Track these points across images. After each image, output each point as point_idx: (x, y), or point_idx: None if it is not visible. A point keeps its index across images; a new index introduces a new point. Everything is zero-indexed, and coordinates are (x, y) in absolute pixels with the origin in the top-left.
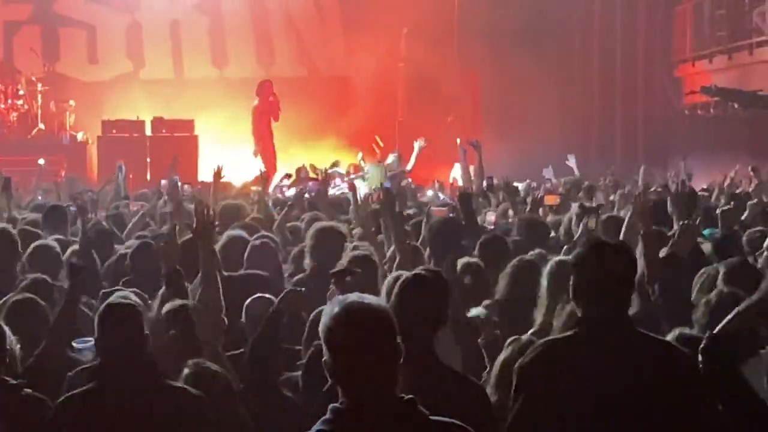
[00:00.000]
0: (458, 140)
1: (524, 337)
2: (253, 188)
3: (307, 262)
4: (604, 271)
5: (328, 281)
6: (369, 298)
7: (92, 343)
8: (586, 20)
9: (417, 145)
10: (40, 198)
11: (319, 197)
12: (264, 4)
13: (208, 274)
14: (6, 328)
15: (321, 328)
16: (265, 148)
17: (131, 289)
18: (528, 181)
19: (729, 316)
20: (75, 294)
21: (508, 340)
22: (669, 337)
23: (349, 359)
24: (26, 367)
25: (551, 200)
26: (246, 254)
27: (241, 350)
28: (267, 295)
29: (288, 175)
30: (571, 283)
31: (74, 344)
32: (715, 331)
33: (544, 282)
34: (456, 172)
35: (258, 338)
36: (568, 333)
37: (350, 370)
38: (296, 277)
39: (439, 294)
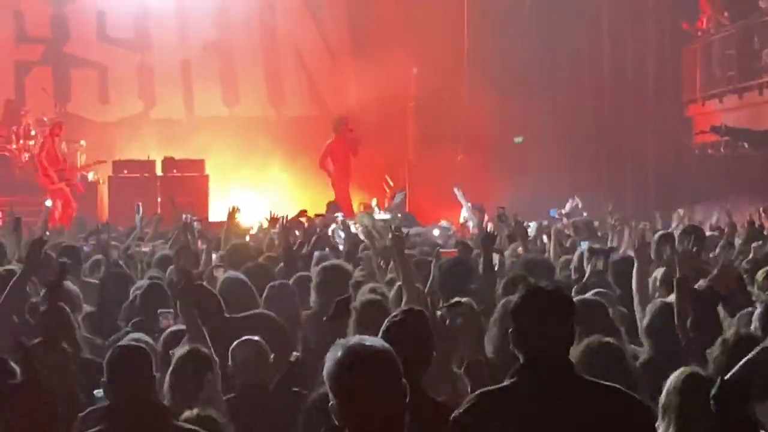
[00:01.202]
0: (455, 188)
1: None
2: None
3: (312, 299)
4: (540, 316)
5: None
6: (371, 340)
7: None
8: (596, 61)
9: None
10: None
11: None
12: (275, 44)
13: (190, 328)
14: None
15: (325, 373)
16: (341, 184)
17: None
18: (539, 220)
19: (742, 362)
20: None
21: None
22: (676, 374)
23: (356, 403)
24: None
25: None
26: (264, 296)
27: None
28: (255, 338)
29: (303, 212)
30: (510, 330)
31: (95, 393)
32: (726, 377)
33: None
34: (466, 213)
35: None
36: (506, 383)
37: (357, 413)
38: (303, 313)
39: (422, 335)
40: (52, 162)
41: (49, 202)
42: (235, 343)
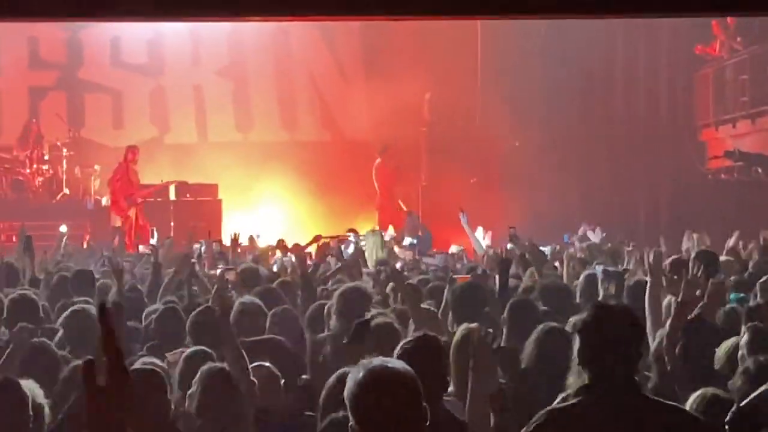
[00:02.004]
0: (461, 215)
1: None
2: (279, 254)
3: (333, 322)
4: (609, 336)
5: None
6: (393, 362)
7: None
8: (608, 85)
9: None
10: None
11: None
12: (288, 69)
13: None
14: (35, 391)
15: (346, 394)
16: (386, 205)
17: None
18: (553, 245)
19: (758, 391)
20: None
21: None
22: (697, 396)
23: (377, 425)
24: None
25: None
26: (268, 321)
27: None
28: (266, 364)
29: (318, 237)
30: (576, 349)
31: None
32: (741, 404)
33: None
34: (479, 235)
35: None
36: (573, 401)
37: None
38: (319, 336)
39: (436, 359)
40: (124, 188)
41: (64, 228)
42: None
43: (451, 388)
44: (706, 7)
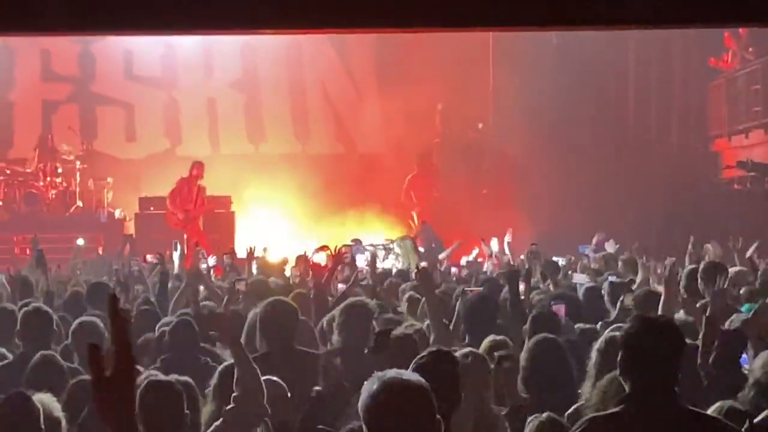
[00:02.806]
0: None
1: (544, 415)
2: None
3: (335, 337)
4: (653, 347)
5: (355, 357)
6: (407, 374)
7: None
8: (621, 95)
9: (455, 243)
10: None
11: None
12: (301, 81)
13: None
14: (52, 404)
15: (360, 406)
16: (426, 216)
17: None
18: (568, 256)
19: None
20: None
21: (529, 419)
22: (715, 408)
23: None
24: None
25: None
26: None
27: None
28: (273, 378)
29: (324, 247)
30: (619, 358)
31: None
32: (756, 420)
33: (593, 357)
34: (494, 246)
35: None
36: (615, 409)
37: None
38: (324, 351)
39: (450, 375)
40: (183, 202)
41: (81, 241)
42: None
43: None
44: (710, 19)
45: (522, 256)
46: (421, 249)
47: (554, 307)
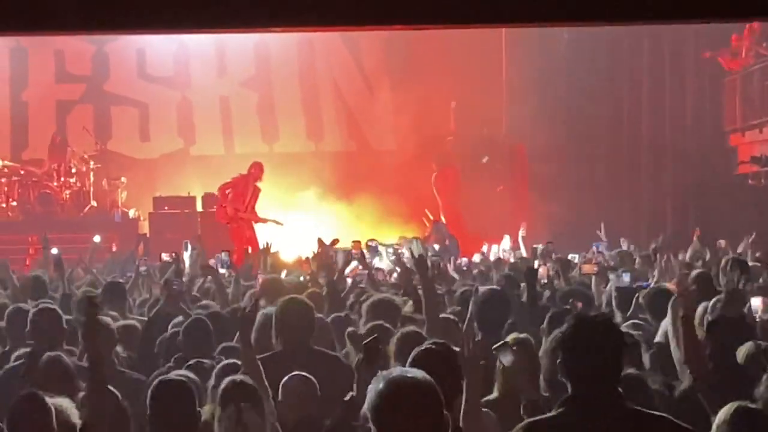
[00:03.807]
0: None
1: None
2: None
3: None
4: (592, 347)
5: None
6: (413, 372)
7: None
8: (635, 92)
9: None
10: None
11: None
12: (313, 80)
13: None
14: (71, 410)
15: (367, 405)
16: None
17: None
18: (582, 253)
19: None
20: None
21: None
22: (725, 409)
23: None
24: None
25: (589, 269)
26: None
27: None
28: (303, 373)
29: (336, 240)
30: (558, 360)
31: None
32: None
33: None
34: (505, 245)
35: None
36: (554, 412)
37: None
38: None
39: (448, 366)
40: (235, 199)
41: (97, 238)
42: (287, 377)
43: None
44: (726, 14)
45: (538, 249)
46: (436, 246)
47: (572, 304)
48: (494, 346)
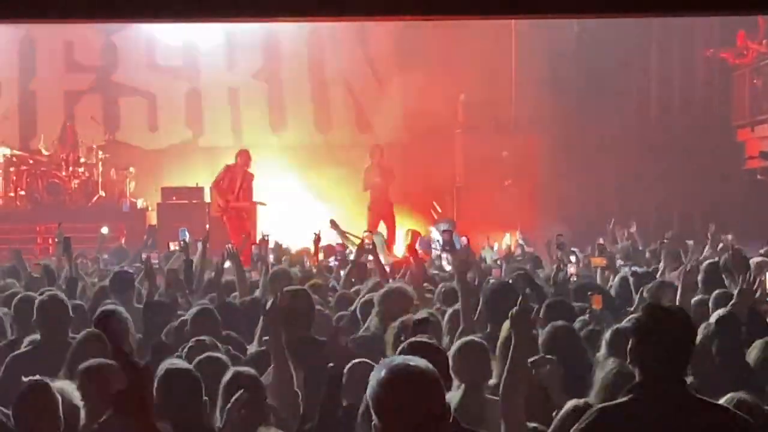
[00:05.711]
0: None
1: (581, 401)
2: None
3: (374, 323)
4: (664, 336)
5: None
6: (415, 360)
7: None
8: (644, 86)
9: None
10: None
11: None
12: (322, 71)
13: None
14: (73, 393)
15: (368, 393)
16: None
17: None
18: (589, 247)
19: None
20: None
21: (566, 406)
22: (725, 400)
23: (400, 423)
24: None
25: (598, 262)
26: None
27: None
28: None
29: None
30: (629, 347)
31: None
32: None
33: (603, 348)
34: (509, 241)
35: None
36: (624, 398)
37: None
38: (359, 334)
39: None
40: (224, 191)
41: (105, 229)
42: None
43: (493, 381)
44: (738, 6)
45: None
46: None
47: (591, 297)
48: (530, 360)
